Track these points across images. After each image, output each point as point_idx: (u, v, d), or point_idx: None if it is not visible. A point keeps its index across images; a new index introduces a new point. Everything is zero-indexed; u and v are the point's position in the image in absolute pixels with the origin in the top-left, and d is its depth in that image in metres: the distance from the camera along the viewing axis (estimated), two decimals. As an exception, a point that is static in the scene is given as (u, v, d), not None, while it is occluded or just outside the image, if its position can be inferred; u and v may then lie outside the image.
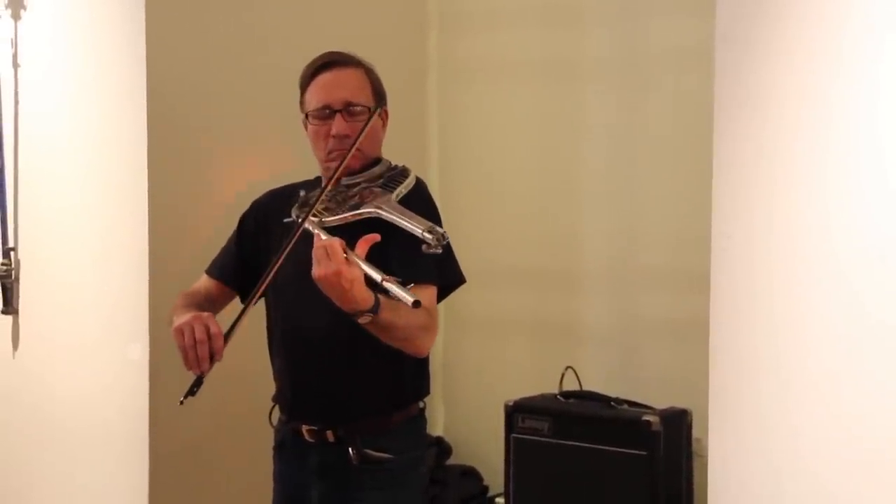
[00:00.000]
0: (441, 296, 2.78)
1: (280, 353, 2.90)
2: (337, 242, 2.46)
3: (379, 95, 2.87)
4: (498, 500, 4.42)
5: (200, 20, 3.90)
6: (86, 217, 3.92)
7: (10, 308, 4.09)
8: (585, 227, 4.48)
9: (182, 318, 2.64)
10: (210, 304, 2.90)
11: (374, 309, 2.49)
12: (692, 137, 3.97)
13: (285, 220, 2.80)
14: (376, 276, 2.42)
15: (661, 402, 4.05)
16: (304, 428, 2.83)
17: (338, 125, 2.78)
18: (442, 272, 2.75)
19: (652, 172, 4.32)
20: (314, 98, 2.83)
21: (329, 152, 2.81)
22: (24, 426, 4.17)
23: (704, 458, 3.63)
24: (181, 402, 2.60)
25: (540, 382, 4.28)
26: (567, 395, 4.18)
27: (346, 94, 2.80)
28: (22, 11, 4.04)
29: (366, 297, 2.47)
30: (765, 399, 2.73)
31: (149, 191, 3.70)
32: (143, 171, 3.69)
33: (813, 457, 2.63)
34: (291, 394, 2.88)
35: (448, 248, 2.76)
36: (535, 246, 4.61)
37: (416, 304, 2.37)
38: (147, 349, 3.70)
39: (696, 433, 4.02)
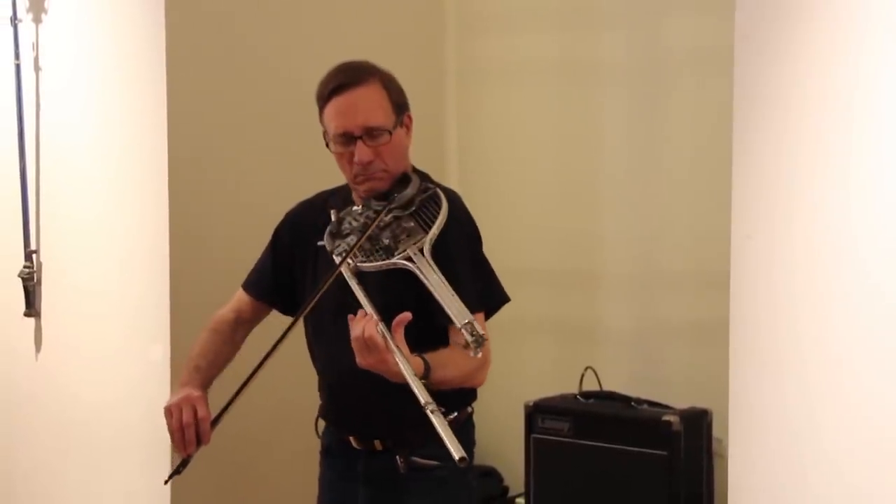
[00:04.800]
0: (487, 316, 2.75)
1: (323, 377, 2.88)
2: (374, 331, 2.42)
3: (399, 106, 2.76)
4: (518, 500, 4.42)
5: (221, 26, 3.92)
6: (107, 220, 3.94)
7: (33, 310, 4.11)
8: (605, 227, 4.48)
9: (173, 398, 2.71)
10: (239, 326, 2.94)
11: (426, 374, 2.47)
12: (711, 138, 3.96)
13: (319, 244, 2.76)
14: (420, 398, 2.37)
15: (681, 402, 4.04)
16: (352, 437, 2.82)
17: (360, 153, 2.69)
18: (486, 298, 2.74)
19: (671, 173, 4.31)
20: (332, 123, 2.73)
21: (356, 176, 2.74)
22: (47, 428, 4.20)
23: (725, 458, 3.63)
24: (166, 482, 2.69)
25: (560, 383, 4.28)
26: (587, 395, 4.18)
27: (363, 119, 2.69)
28: (43, 15, 4.07)
29: (414, 367, 2.44)
30: (786, 398, 2.73)
31: (169, 194, 3.72)
32: (163, 175, 3.71)
33: (837, 456, 2.63)
34: (336, 413, 2.87)
35: (490, 269, 2.79)
36: (554, 247, 4.60)
37: (462, 460, 2.31)
38: (168, 351, 3.72)
39: (716, 433, 4.01)
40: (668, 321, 4.31)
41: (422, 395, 2.37)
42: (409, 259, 2.59)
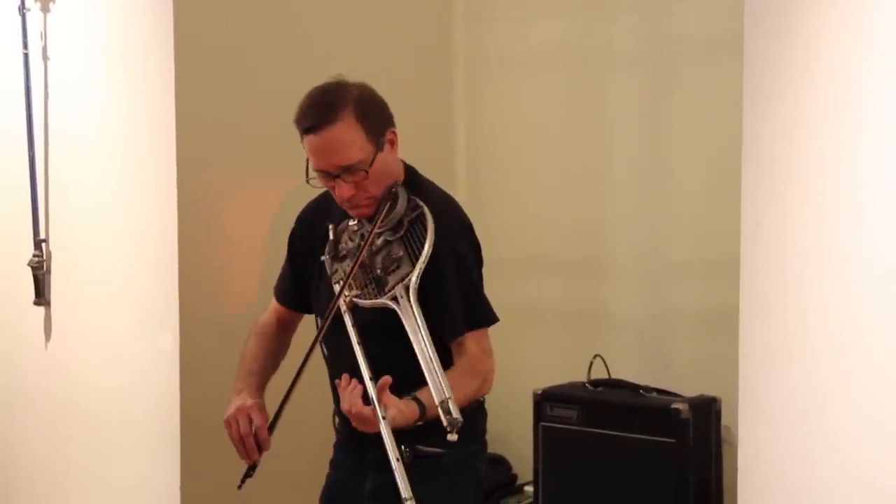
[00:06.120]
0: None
1: (330, 378, 2.90)
2: (360, 406, 2.51)
3: (377, 131, 2.70)
4: (527, 488, 4.43)
5: (229, 14, 3.92)
6: (116, 209, 3.94)
7: (42, 299, 4.11)
8: (614, 215, 4.47)
9: (231, 408, 2.78)
10: (283, 329, 3.02)
11: (422, 415, 2.55)
12: (721, 125, 3.95)
13: (322, 258, 2.80)
14: (392, 455, 2.47)
15: (689, 390, 4.04)
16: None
17: (340, 190, 2.70)
18: (473, 319, 2.76)
19: (680, 160, 4.31)
20: (310, 157, 2.71)
21: (342, 205, 2.76)
22: (56, 416, 4.20)
23: (733, 445, 3.63)
24: (239, 487, 2.77)
25: (568, 371, 4.28)
26: (595, 383, 4.18)
27: (338, 160, 2.66)
28: (51, 5, 4.06)
29: (409, 416, 2.54)
30: (796, 386, 2.72)
31: (178, 182, 3.72)
32: (172, 164, 3.71)
33: (847, 444, 2.63)
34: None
35: (478, 287, 2.82)
36: (563, 235, 4.60)
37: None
38: (177, 340, 3.73)
39: (724, 421, 4.02)
40: (677, 309, 4.31)
41: (404, 488, 2.44)
42: (396, 299, 2.62)
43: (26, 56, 4.09)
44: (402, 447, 2.63)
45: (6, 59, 4.18)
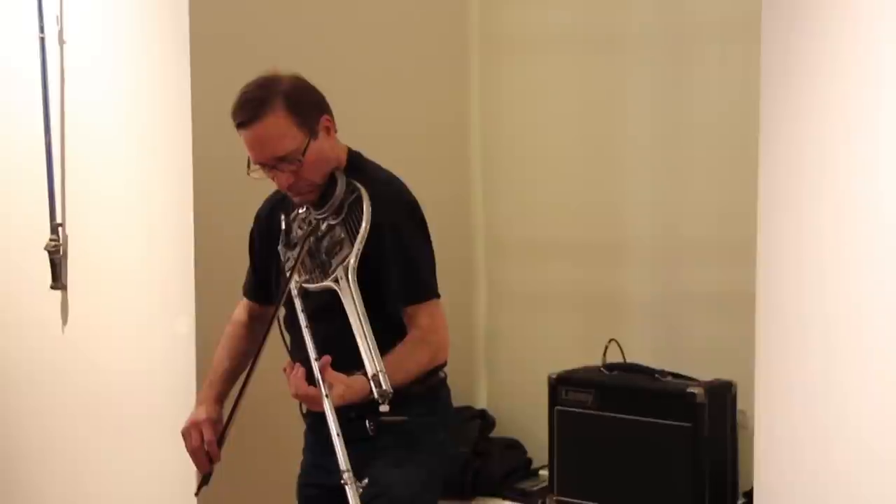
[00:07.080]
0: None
1: (292, 361, 2.95)
2: (306, 388, 2.63)
3: (309, 120, 2.79)
4: (542, 472, 4.43)
5: (245, 2, 3.92)
6: (132, 193, 3.95)
7: (59, 283, 4.13)
8: (629, 198, 4.46)
9: (187, 421, 2.96)
10: (254, 323, 3.10)
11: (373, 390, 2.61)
12: (737, 108, 3.94)
13: (279, 247, 2.90)
14: (341, 463, 2.55)
15: (705, 374, 4.04)
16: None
17: (279, 180, 2.82)
18: (412, 293, 2.83)
19: (696, 143, 4.29)
20: (247, 150, 2.82)
21: (285, 192, 2.87)
22: (73, 400, 4.22)
23: (749, 430, 3.62)
24: (196, 494, 2.93)
25: (583, 355, 4.28)
26: (611, 367, 4.18)
27: (271, 151, 2.77)
28: (66, -11, 4.07)
29: (358, 390, 2.62)
30: (812, 370, 2.72)
31: (193, 166, 3.73)
32: (188, 148, 3.72)
33: (863, 426, 2.62)
34: None
35: (418, 259, 2.87)
36: (578, 218, 4.59)
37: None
38: (194, 324, 3.74)
39: (740, 405, 4.01)
40: (693, 293, 4.30)
41: (343, 461, 2.55)
42: (338, 280, 2.73)
43: (42, 40, 4.10)
44: (368, 422, 2.74)
45: (23, 43, 4.18)
